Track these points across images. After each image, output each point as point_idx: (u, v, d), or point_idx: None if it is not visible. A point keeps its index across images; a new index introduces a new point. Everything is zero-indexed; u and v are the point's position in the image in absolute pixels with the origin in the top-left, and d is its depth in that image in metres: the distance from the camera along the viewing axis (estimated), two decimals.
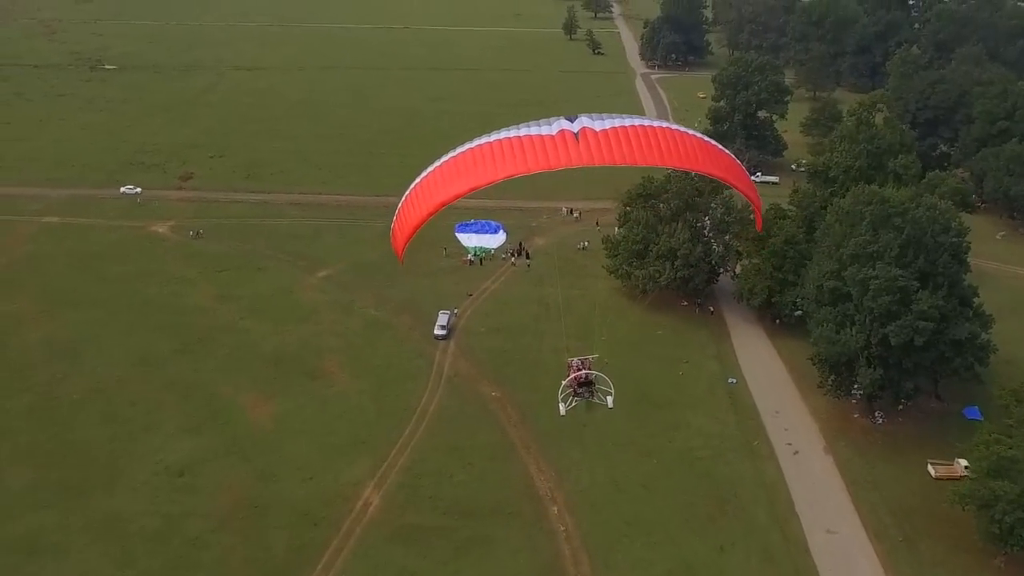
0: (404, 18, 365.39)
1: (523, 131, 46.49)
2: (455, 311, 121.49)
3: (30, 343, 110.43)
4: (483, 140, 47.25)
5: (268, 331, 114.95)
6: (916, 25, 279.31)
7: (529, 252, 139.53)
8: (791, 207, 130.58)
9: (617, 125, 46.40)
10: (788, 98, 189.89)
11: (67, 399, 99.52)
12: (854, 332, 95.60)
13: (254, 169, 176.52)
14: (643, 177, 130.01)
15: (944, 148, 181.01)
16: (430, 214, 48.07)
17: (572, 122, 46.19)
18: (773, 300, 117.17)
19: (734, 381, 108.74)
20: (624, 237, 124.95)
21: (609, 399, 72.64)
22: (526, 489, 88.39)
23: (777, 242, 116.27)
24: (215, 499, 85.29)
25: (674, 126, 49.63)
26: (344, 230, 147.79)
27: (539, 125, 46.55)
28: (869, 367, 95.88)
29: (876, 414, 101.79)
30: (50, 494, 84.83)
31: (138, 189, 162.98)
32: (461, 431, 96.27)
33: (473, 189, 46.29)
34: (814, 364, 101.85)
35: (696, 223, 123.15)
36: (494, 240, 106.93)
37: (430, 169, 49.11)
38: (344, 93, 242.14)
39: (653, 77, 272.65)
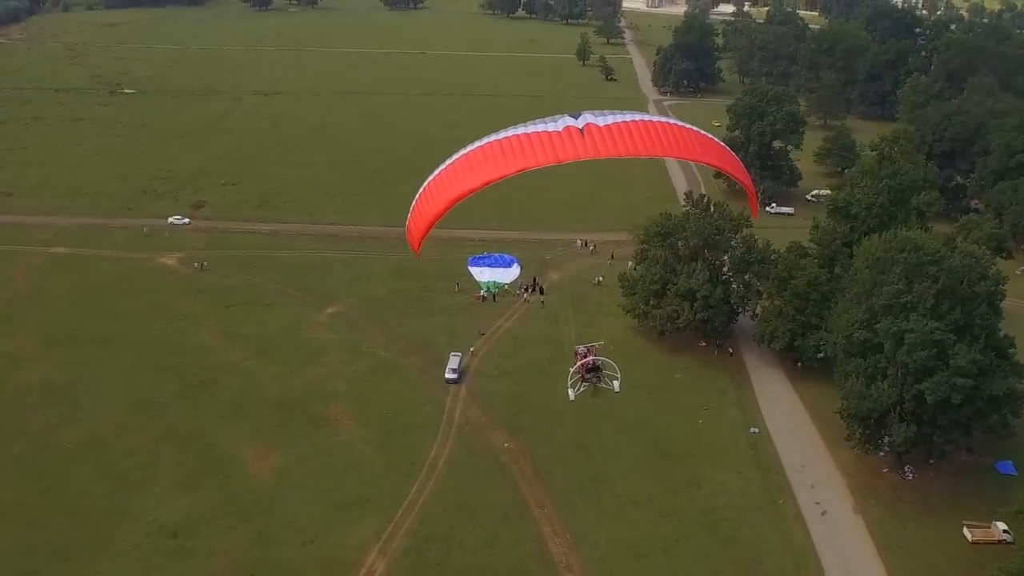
0: (421, 43, 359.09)
1: (530, 128, 46.63)
2: (471, 349, 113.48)
3: (27, 385, 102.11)
4: (492, 138, 47.29)
5: (274, 373, 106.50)
6: (923, 53, 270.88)
7: (543, 288, 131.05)
8: (812, 244, 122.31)
9: (619, 120, 46.96)
10: (803, 129, 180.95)
11: (61, 449, 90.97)
12: (886, 387, 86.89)
13: (267, 197, 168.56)
14: (660, 214, 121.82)
15: (960, 179, 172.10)
16: (445, 209, 48.21)
17: (576, 119, 46.58)
18: (795, 344, 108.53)
19: (756, 431, 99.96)
20: (641, 276, 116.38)
21: (615, 383, 76.44)
22: (540, 555, 79.53)
23: (800, 284, 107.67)
24: (209, 564, 76.75)
25: (672, 120, 50.44)
26: (355, 263, 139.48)
27: (545, 123, 46.73)
28: (902, 423, 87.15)
29: (906, 469, 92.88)
30: (36, 559, 76.25)
31: (187, 220, 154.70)
32: (471, 488, 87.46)
33: (486, 184, 46.27)
34: (842, 418, 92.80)
35: (715, 262, 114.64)
36: (508, 274, 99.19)
37: (442, 167, 49.14)
38: (360, 119, 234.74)
39: (666, 103, 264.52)
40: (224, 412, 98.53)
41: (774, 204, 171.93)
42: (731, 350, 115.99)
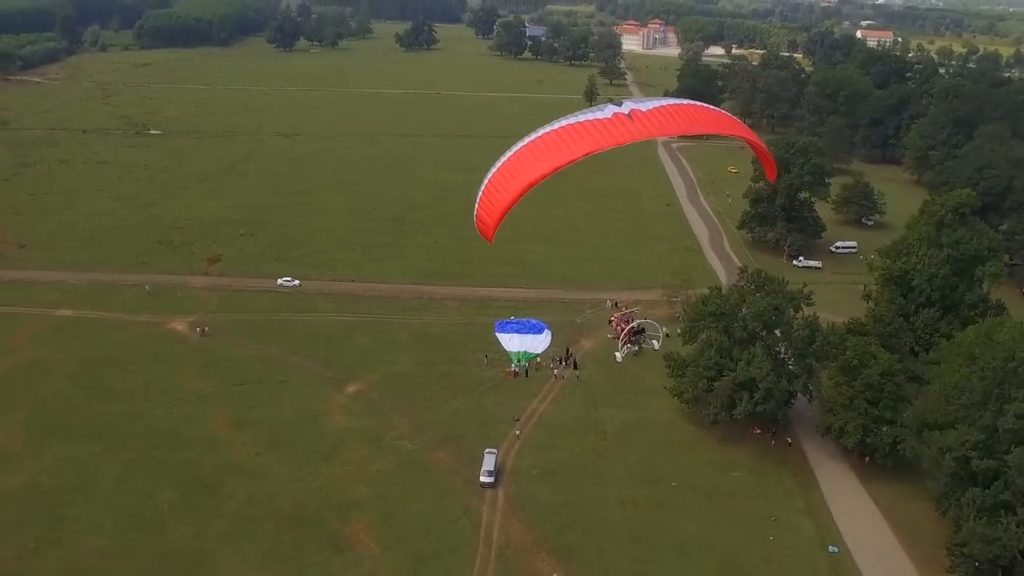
0: (435, 83, 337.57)
1: (581, 118, 44.92)
2: (516, 432, 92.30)
3: (8, 493, 79.24)
4: (547, 128, 45.20)
5: (287, 474, 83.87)
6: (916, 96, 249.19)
7: (577, 360, 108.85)
8: (868, 319, 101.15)
9: (659, 105, 46.41)
10: (830, 181, 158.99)
11: None
12: (1014, 526, 64.91)
13: (285, 250, 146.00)
14: (710, 288, 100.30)
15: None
16: (518, 197, 45.70)
17: (620, 106, 45.20)
18: (867, 440, 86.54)
19: (836, 550, 77.68)
20: (693, 360, 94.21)
21: (655, 342, 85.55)
22: None
23: (873, 374, 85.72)
24: None
25: (699, 104, 50.24)
26: (376, 329, 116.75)
27: (593, 112, 45.38)
28: None
29: None
30: None
31: (296, 281, 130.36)
32: None
33: (556, 169, 43.86)
34: (953, 557, 70.32)
35: (774, 346, 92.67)
36: (538, 343, 79.63)
37: (505, 158, 46.47)
38: (378, 162, 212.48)
39: (674, 145, 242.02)
40: (229, 529, 76.02)
41: (801, 258, 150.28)
42: (789, 440, 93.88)
